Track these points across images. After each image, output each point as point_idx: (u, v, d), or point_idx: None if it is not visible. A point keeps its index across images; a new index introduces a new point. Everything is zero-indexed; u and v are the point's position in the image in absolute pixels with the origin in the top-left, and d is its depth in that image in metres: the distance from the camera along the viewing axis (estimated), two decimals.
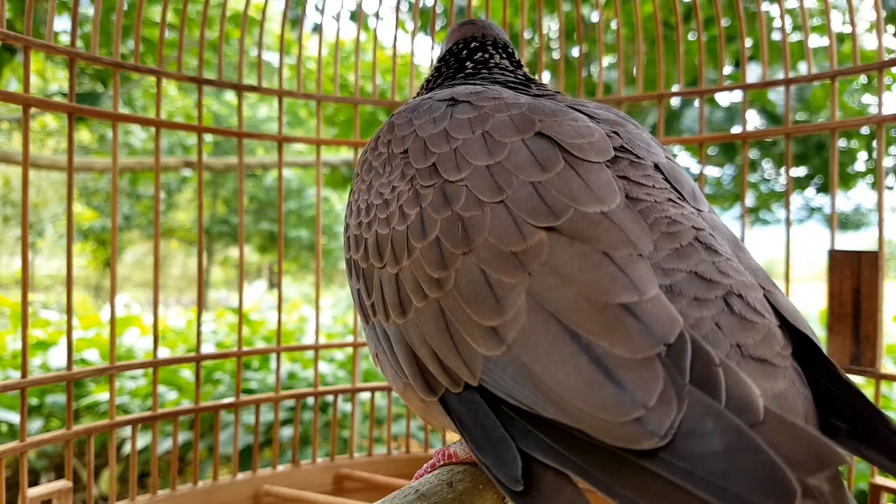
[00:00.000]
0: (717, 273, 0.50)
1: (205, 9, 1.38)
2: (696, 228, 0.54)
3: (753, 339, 0.47)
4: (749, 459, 0.36)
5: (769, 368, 0.47)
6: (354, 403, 1.63)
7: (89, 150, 6.56)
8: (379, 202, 0.66)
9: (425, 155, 0.62)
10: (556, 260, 0.49)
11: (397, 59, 1.59)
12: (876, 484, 1.17)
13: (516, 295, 0.48)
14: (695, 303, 0.47)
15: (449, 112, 0.65)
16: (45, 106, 1.20)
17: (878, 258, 1.19)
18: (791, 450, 0.38)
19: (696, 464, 0.37)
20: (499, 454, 0.46)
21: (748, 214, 3.45)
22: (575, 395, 0.42)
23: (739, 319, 0.48)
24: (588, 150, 0.57)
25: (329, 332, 4.06)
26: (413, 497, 0.61)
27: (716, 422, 0.38)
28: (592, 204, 0.52)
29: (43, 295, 7.67)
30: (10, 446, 1.10)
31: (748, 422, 0.39)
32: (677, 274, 0.49)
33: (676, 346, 0.43)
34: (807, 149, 3.11)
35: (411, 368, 0.58)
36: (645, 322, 0.44)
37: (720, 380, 0.41)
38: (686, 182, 0.62)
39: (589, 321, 0.45)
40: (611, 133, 0.62)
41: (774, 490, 0.35)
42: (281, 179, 1.46)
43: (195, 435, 1.39)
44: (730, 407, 0.40)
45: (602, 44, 1.52)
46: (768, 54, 1.39)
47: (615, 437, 0.40)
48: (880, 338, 1.19)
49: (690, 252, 0.51)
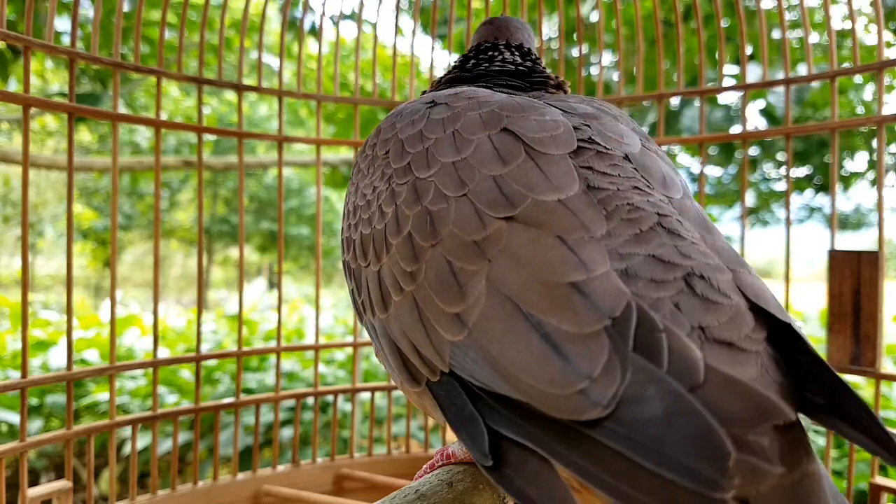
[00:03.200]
0: (679, 256, 0.50)
1: (205, 10, 1.38)
2: (659, 214, 0.54)
3: (718, 320, 0.46)
4: (685, 422, 0.37)
5: (737, 354, 0.45)
6: (354, 403, 1.63)
7: (89, 150, 6.57)
8: (363, 203, 0.68)
9: (402, 155, 0.65)
10: (512, 246, 0.51)
11: (397, 59, 1.59)
12: (876, 484, 1.17)
13: (477, 281, 0.50)
14: (651, 284, 0.47)
15: (427, 113, 0.68)
16: (45, 106, 1.20)
17: (878, 258, 1.19)
18: (731, 407, 0.38)
19: (636, 430, 0.38)
20: (470, 431, 0.48)
21: (748, 215, 3.45)
22: (525, 371, 0.44)
23: (702, 300, 0.47)
24: (549, 143, 0.59)
25: (329, 332, 4.06)
26: (413, 497, 0.61)
27: (657, 387, 0.39)
28: (549, 193, 0.53)
29: (43, 295, 7.67)
30: (10, 446, 1.10)
31: (689, 385, 0.39)
32: (634, 258, 0.49)
33: (622, 317, 0.43)
34: (809, 146, 3.10)
35: (396, 361, 0.60)
36: (591, 298, 0.45)
37: (662, 345, 0.42)
38: (656, 170, 0.62)
39: (540, 301, 0.46)
40: (581, 125, 0.63)
41: (709, 452, 0.36)
42: (281, 179, 1.46)
43: (195, 435, 1.39)
44: (671, 371, 0.40)
45: (602, 43, 1.53)
46: (768, 54, 1.39)
47: (561, 409, 0.41)
48: (880, 338, 1.19)
49: (651, 237, 0.51)
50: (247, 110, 6.33)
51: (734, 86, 1.42)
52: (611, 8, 1.94)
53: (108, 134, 5.53)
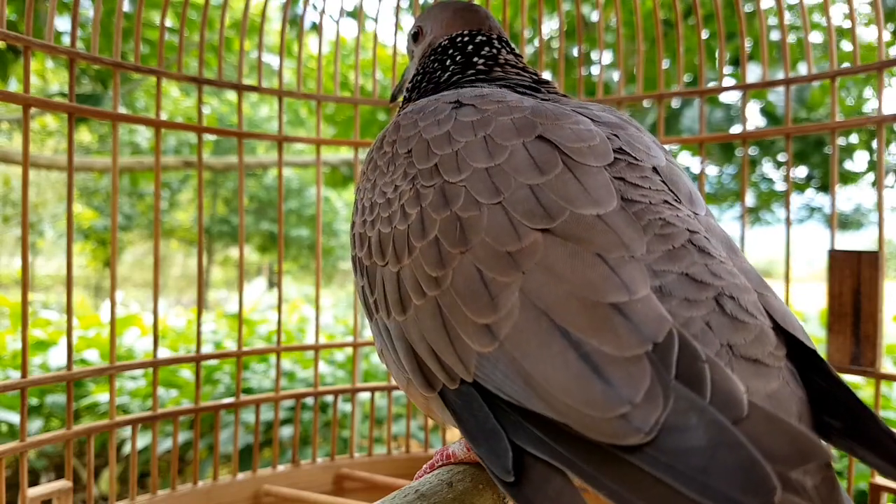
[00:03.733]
0: (709, 275, 0.50)
1: (205, 10, 1.38)
2: (690, 231, 0.54)
3: (745, 339, 0.47)
4: (730, 455, 0.37)
5: (762, 368, 0.47)
6: (354, 403, 1.63)
7: (89, 150, 6.56)
8: (382, 201, 0.66)
9: (428, 156, 0.63)
10: (549, 259, 0.50)
11: (397, 58, 1.59)
12: (876, 484, 1.17)
13: (510, 293, 0.49)
14: (685, 303, 0.48)
15: (453, 114, 0.66)
16: (45, 106, 1.20)
17: (878, 258, 1.19)
18: (774, 444, 0.38)
19: (678, 459, 0.38)
20: (491, 446, 0.47)
21: (748, 214, 3.45)
22: (562, 390, 0.43)
23: (731, 319, 0.48)
24: (587, 154, 0.57)
25: (330, 332, 4.06)
26: (413, 497, 0.61)
27: (699, 417, 0.39)
28: (588, 206, 0.53)
29: (43, 295, 7.67)
30: (10, 446, 1.10)
31: (732, 417, 0.39)
32: (668, 275, 0.49)
33: (664, 344, 0.43)
34: (806, 146, 3.10)
35: (411, 364, 0.59)
36: (634, 321, 0.44)
37: (706, 376, 0.41)
38: (684, 185, 0.62)
39: (579, 319, 0.46)
40: (611, 136, 0.62)
41: (754, 486, 0.35)
42: (281, 179, 1.45)
43: (195, 435, 1.39)
44: (714, 403, 0.40)
45: (602, 43, 1.52)
46: (768, 54, 1.39)
47: (601, 432, 0.41)
48: (880, 338, 1.19)
49: (683, 254, 0.51)
50: (248, 111, 6.32)
51: (734, 85, 1.42)
52: (610, 3, 1.94)
53: (108, 134, 5.53)
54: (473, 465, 0.66)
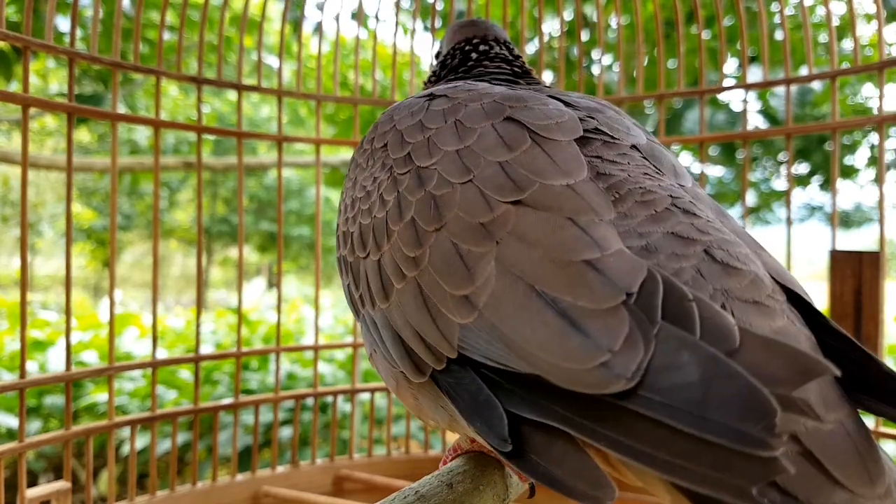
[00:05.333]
0: (696, 231, 0.51)
1: (204, 9, 1.38)
2: (673, 196, 0.54)
3: (740, 283, 0.47)
4: (725, 385, 0.37)
5: (763, 308, 0.46)
6: (354, 404, 1.63)
7: (89, 150, 6.56)
8: (362, 195, 0.68)
9: (401, 145, 0.65)
10: (521, 227, 0.51)
11: (397, 58, 1.59)
12: None
13: (486, 262, 0.50)
14: (673, 256, 0.48)
15: (426, 105, 0.68)
16: (44, 106, 1.20)
17: (879, 258, 1.19)
18: (772, 368, 0.38)
19: (673, 396, 0.38)
20: (486, 418, 0.47)
21: (749, 214, 3.47)
22: (542, 347, 0.44)
23: (723, 266, 0.48)
24: (555, 130, 0.59)
25: (330, 332, 4.06)
26: (413, 498, 0.61)
27: (691, 353, 0.39)
28: (558, 177, 0.54)
29: (42, 295, 7.66)
30: (8, 447, 1.10)
31: (725, 349, 0.39)
32: (653, 235, 0.50)
33: (646, 289, 0.43)
34: (808, 143, 3.11)
35: (398, 351, 0.59)
36: (607, 275, 0.45)
37: (693, 313, 0.41)
38: (666, 160, 0.63)
39: (553, 279, 0.46)
40: (586, 117, 0.63)
41: (753, 412, 0.35)
42: (280, 179, 1.45)
43: (194, 436, 1.38)
44: (706, 338, 0.40)
45: (602, 43, 1.52)
46: (769, 54, 1.39)
47: (584, 384, 0.41)
48: (881, 338, 1.19)
49: (667, 216, 0.52)
50: (249, 111, 6.32)
51: (735, 85, 1.41)
52: (611, 3, 1.94)
53: (108, 134, 5.52)
54: (475, 464, 0.66)
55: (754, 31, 2.29)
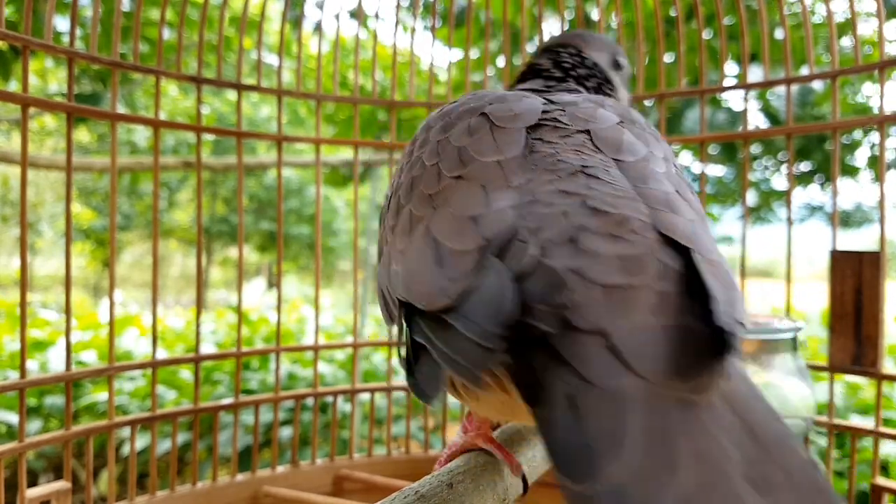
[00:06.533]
0: (585, 188, 0.57)
1: (204, 8, 1.38)
2: (584, 166, 0.61)
3: (602, 222, 0.52)
4: (492, 297, 0.46)
5: (616, 239, 0.51)
6: (354, 404, 1.63)
7: (88, 150, 6.56)
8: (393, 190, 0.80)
9: (414, 143, 0.76)
10: (449, 194, 0.61)
11: (397, 57, 1.59)
12: (878, 485, 1.17)
13: (422, 225, 0.60)
14: (548, 205, 0.55)
15: (444, 108, 0.78)
16: (43, 106, 1.20)
17: (879, 258, 1.19)
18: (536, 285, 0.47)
19: (468, 310, 0.47)
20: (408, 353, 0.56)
21: (749, 213, 3.46)
22: (417, 278, 0.55)
23: (592, 210, 0.54)
24: (510, 120, 0.67)
25: (330, 332, 4.06)
26: (413, 498, 0.61)
27: (495, 278, 0.48)
28: (492, 155, 0.63)
29: (41, 295, 7.66)
30: (8, 447, 1.10)
31: (516, 271, 0.48)
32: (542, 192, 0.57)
33: (500, 237, 0.52)
34: (808, 142, 3.11)
35: (381, 307, 0.69)
36: (479, 226, 0.54)
37: (514, 248, 0.50)
38: (615, 139, 0.67)
39: (448, 230, 0.56)
40: (554, 109, 0.71)
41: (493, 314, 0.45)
42: (280, 179, 1.45)
43: (194, 436, 1.38)
44: (511, 266, 0.49)
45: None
46: (770, 53, 1.38)
47: (427, 302, 0.51)
48: (882, 338, 1.19)
49: (568, 179, 0.59)
50: (249, 111, 6.32)
51: (735, 85, 1.41)
52: (611, 2, 1.94)
53: (107, 134, 5.52)
54: (474, 463, 0.66)
55: (755, 27, 2.29)
